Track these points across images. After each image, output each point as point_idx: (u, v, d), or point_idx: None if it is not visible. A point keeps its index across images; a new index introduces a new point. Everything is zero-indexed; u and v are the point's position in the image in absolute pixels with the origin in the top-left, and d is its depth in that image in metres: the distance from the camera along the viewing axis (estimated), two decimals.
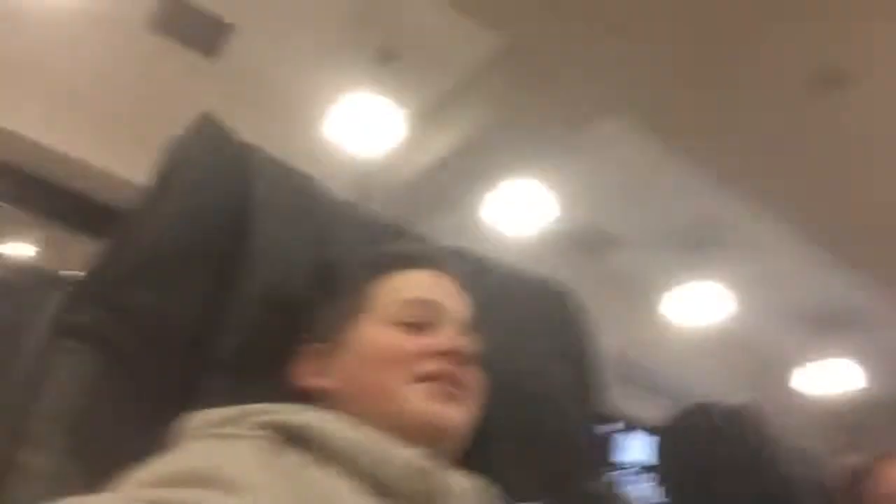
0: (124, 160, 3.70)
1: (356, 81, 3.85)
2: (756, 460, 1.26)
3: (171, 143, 0.78)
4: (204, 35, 3.93)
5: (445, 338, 0.75)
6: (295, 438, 0.61)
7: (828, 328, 5.53)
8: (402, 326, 0.76)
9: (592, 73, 3.31)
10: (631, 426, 4.78)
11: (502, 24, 3.29)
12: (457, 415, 0.72)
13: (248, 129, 0.88)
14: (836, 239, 4.14)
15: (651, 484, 1.38)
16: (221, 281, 0.73)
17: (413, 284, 0.80)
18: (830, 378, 5.72)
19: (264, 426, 0.61)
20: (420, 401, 0.71)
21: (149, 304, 0.69)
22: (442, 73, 3.98)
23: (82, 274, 0.70)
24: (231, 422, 0.62)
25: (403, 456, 0.63)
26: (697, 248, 4.92)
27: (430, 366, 0.72)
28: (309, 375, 0.76)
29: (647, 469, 1.33)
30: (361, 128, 3.87)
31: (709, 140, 3.59)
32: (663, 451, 1.47)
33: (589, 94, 3.49)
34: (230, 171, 0.80)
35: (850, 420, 6.24)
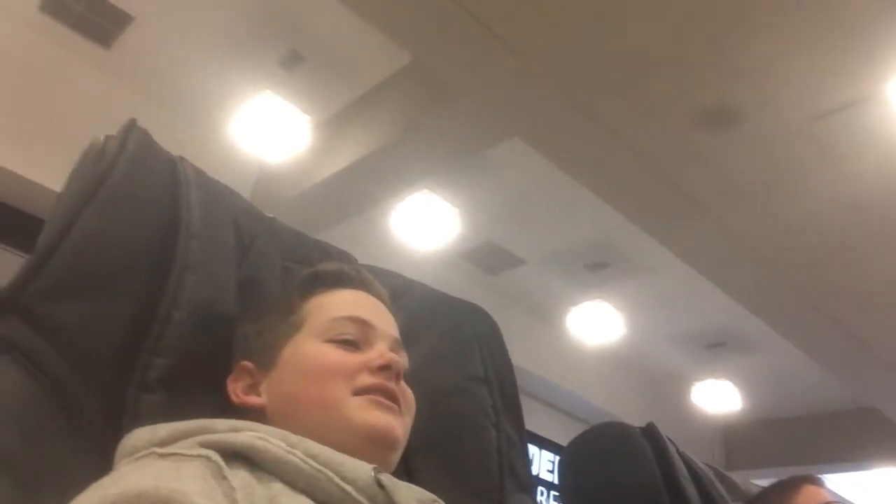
0: (24, 157, 3.45)
1: (261, 84, 3.75)
2: (662, 480, 1.28)
3: (94, 148, 0.75)
4: (102, 24, 3.73)
5: (379, 354, 0.76)
6: (239, 457, 0.59)
7: (711, 350, 5.82)
8: (337, 343, 0.76)
9: (492, 94, 3.35)
10: (533, 442, 4.84)
11: (408, 39, 3.29)
12: (398, 425, 0.72)
13: (146, 125, 0.83)
14: (715, 266, 4.35)
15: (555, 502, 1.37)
16: (150, 297, 0.70)
17: (344, 303, 0.80)
18: (712, 398, 6.02)
19: (206, 445, 0.58)
20: (363, 411, 0.71)
21: (74, 320, 0.65)
22: (348, 82, 3.94)
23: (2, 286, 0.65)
24: (174, 441, 0.59)
25: (359, 468, 0.61)
26: (591, 269, 5.07)
27: (368, 380, 0.73)
28: (243, 393, 0.74)
29: (550, 487, 1.31)
30: (265, 131, 3.78)
31: (600, 166, 3.70)
32: (567, 471, 1.47)
33: (488, 114, 3.53)
34: (159, 185, 0.78)
35: (727, 437, 6.59)
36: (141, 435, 0.61)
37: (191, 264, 0.74)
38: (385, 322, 0.81)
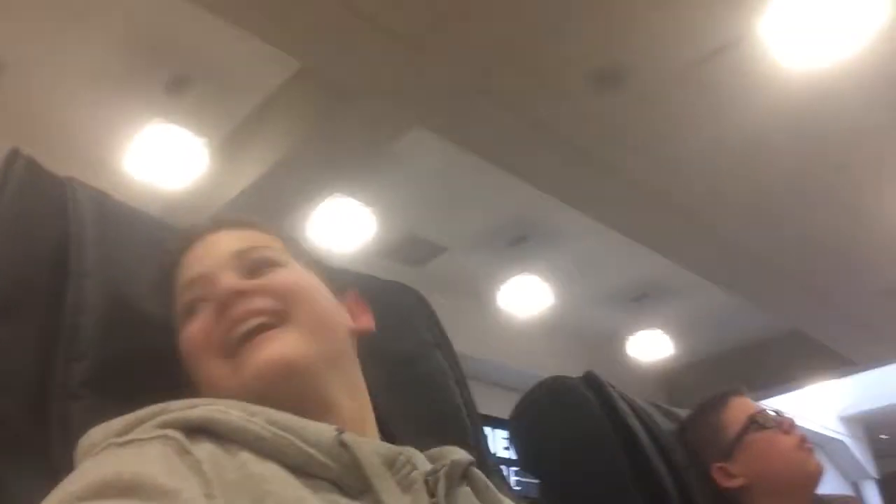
0: None
1: (150, 113, 3.65)
2: (609, 423, 1.32)
3: None
4: None
5: (212, 295, 0.69)
6: (202, 431, 0.57)
7: (639, 304, 6.00)
8: (187, 318, 0.71)
9: (386, 88, 3.36)
10: (486, 423, 4.88)
11: (295, 45, 3.26)
12: (279, 353, 0.66)
13: None
14: (628, 221, 4.50)
15: (516, 476, 1.38)
16: (53, 311, 0.70)
17: (184, 269, 0.74)
18: (646, 348, 6.23)
19: (164, 425, 0.57)
20: (243, 364, 0.66)
21: None
22: (239, 98, 3.87)
23: None
24: (130, 428, 0.57)
25: (321, 430, 0.60)
26: (512, 245, 5.16)
27: (223, 331, 0.67)
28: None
29: (509, 463, 1.33)
30: (162, 160, 3.68)
31: (505, 142, 3.76)
32: (516, 436, 1.49)
33: (388, 109, 3.54)
34: (48, 206, 0.78)
35: (667, 383, 6.82)
36: (97, 431, 0.59)
37: (86, 271, 0.73)
38: (214, 252, 0.74)
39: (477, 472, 0.69)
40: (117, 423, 0.59)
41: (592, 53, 3.27)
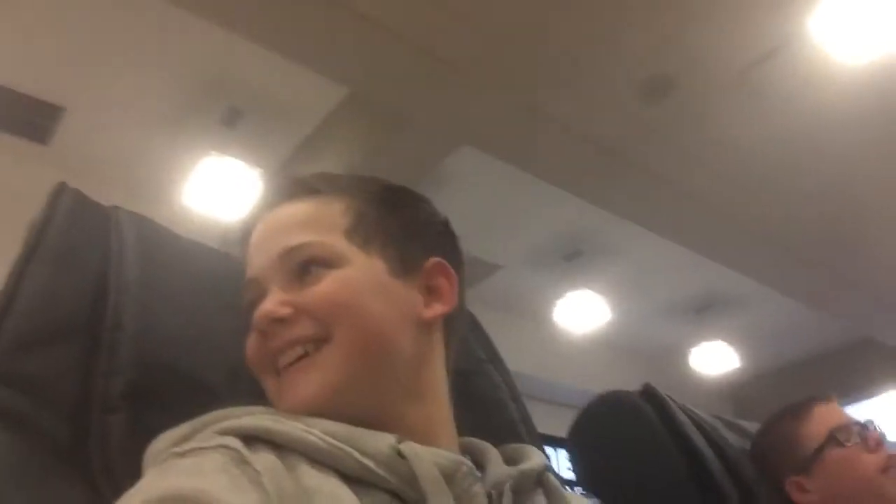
0: None
1: (206, 147, 3.76)
2: (669, 436, 1.29)
3: (35, 217, 0.78)
4: (35, 121, 3.72)
5: (255, 315, 0.67)
6: (261, 440, 0.57)
7: (700, 316, 5.87)
8: (248, 322, 0.69)
9: (437, 111, 3.39)
10: (547, 444, 4.82)
11: (344, 74, 3.33)
12: (304, 393, 0.64)
13: None
14: (687, 232, 4.42)
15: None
16: (95, 331, 0.73)
17: (246, 256, 0.72)
18: (711, 361, 6.07)
19: (224, 432, 0.57)
20: (282, 397, 0.65)
21: (40, 370, 0.68)
22: (292, 127, 3.96)
23: None
24: (189, 437, 0.58)
25: (379, 441, 0.59)
26: (567, 260, 5.11)
27: (272, 352, 0.66)
28: None
29: (572, 483, 1.31)
30: (219, 192, 3.79)
31: (555, 158, 3.75)
32: (574, 454, 1.46)
33: (438, 131, 3.57)
34: (92, 236, 0.81)
35: (733, 397, 6.63)
36: (162, 438, 0.59)
37: (125, 289, 0.76)
38: (264, 251, 0.70)
39: (552, 478, 0.68)
40: (181, 429, 0.59)
41: (641, 65, 3.26)
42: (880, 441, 1.30)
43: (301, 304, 0.66)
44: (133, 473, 0.55)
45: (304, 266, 0.67)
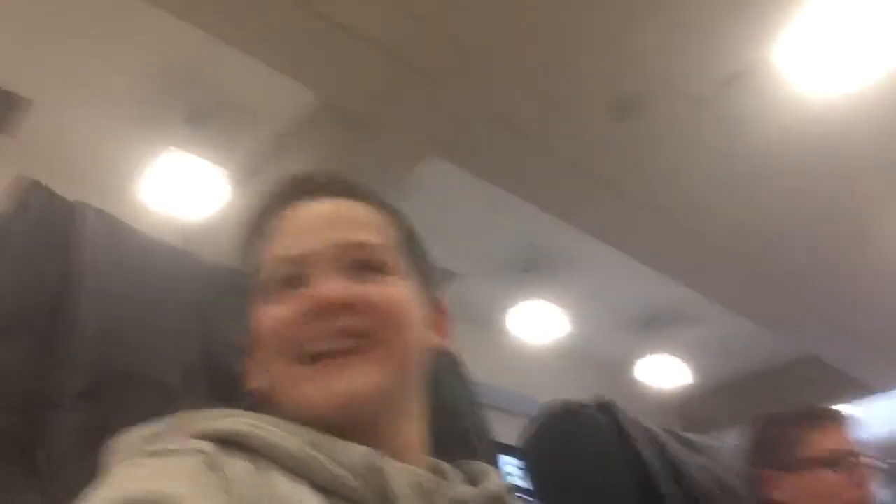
0: None
1: (169, 144, 3.71)
2: (621, 447, 1.32)
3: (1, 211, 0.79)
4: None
5: (310, 292, 0.64)
6: (235, 444, 0.56)
7: (652, 329, 5.97)
8: (273, 295, 0.66)
9: (406, 120, 3.40)
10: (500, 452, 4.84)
11: (314, 78, 3.32)
12: (347, 388, 0.61)
13: None
14: (645, 247, 4.50)
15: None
16: (52, 329, 0.73)
17: (276, 237, 0.69)
18: (660, 374, 6.17)
19: (197, 436, 0.56)
20: (309, 387, 0.62)
21: None
22: (258, 129, 3.94)
23: None
24: (161, 436, 0.57)
25: (354, 452, 0.58)
26: (525, 271, 5.16)
27: (306, 335, 0.63)
28: (250, 376, 0.70)
29: (524, 491, 1.33)
30: (181, 190, 3.74)
31: (520, 170, 3.78)
32: (528, 461, 1.47)
33: (404, 140, 3.58)
34: (57, 227, 0.81)
35: (680, 410, 6.75)
36: (131, 432, 0.58)
37: (85, 289, 0.76)
38: (323, 234, 0.68)
39: (513, 500, 0.68)
40: (153, 426, 0.58)
41: (609, 83, 3.30)
42: (865, 480, 1.31)
43: (366, 298, 0.65)
44: (84, 473, 0.54)
45: (363, 264, 0.67)
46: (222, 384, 0.80)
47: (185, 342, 0.82)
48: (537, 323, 5.31)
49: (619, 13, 2.93)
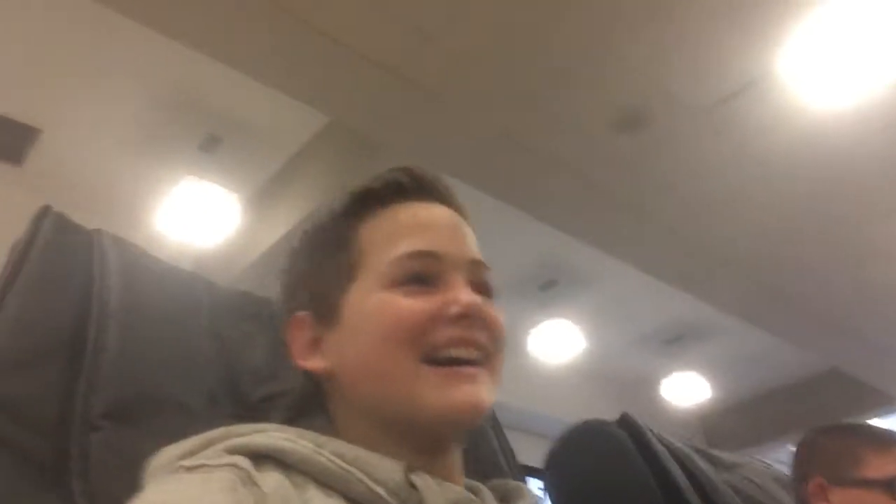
0: None
1: (182, 171, 3.74)
2: (646, 466, 1.29)
3: (16, 246, 0.79)
4: (9, 142, 3.68)
5: (454, 297, 0.64)
6: (270, 459, 0.56)
7: (673, 346, 5.92)
8: (400, 289, 0.64)
9: (413, 139, 3.41)
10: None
11: (324, 101, 3.34)
12: (477, 398, 0.62)
13: None
14: (660, 263, 4.47)
15: None
16: (77, 355, 0.74)
17: (403, 229, 0.68)
18: (682, 391, 6.11)
19: (233, 450, 0.56)
20: (437, 390, 0.61)
21: (19, 391, 0.69)
22: (270, 153, 3.96)
23: None
24: (196, 452, 0.56)
25: (390, 469, 0.58)
26: (542, 290, 5.14)
27: (442, 335, 0.62)
28: (307, 352, 0.68)
29: None
30: (195, 217, 3.77)
31: (529, 186, 3.78)
32: (550, 483, 1.45)
33: (413, 159, 3.59)
34: (75, 255, 0.82)
35: (703, 426, 6.67)
36: (167, 451, 0.58)
37: (108, 313, 0.77)
38: (457, 242, 0.68)
39: None
40: (187, 443, 0.58)
41: (614, 97, 3.30)
42: None
43: (495, 318, 0.67)
44: (115, 496, 0.54)
45: (484, 288, 0.69)
46: (245, 407, 0.81)
47: (206, 366, 0.83)
48: (556, 342, 5.28)
49: (620, 25, 2.93)
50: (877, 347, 5.21)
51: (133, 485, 0.56)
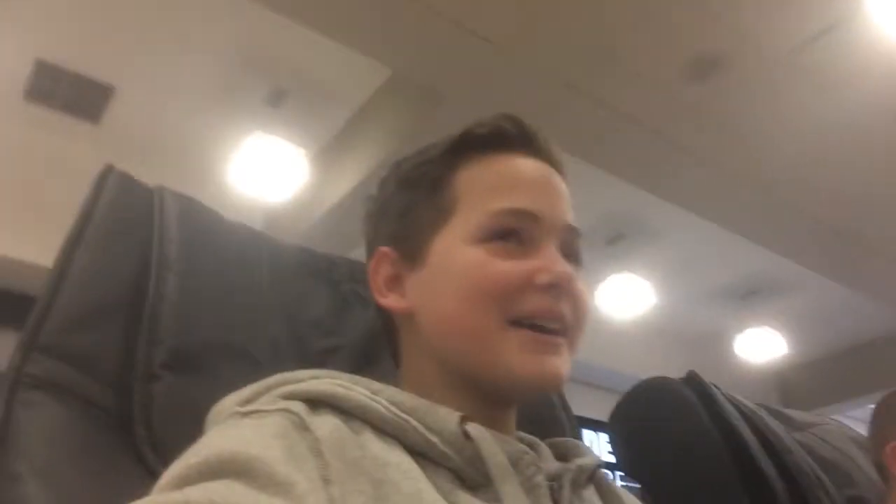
0: (19, 241, 3.52)
1: (251, 126, 3.79)
2: (713, 424, 1.27)
3: (84, 198, 0.82)
4: (85, 100, 3.80)
5: (545, 265, 0.63)
6: (325, 404, 0.57)
7: (747, 301, 5.76)
8: (493, 247, 0.63)
9: (477, 89, 3.37)
10: (589, 426, 4.79)
11: (386, 53, 3.32)
12: (555, 369, 0.62)
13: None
14: (733, 215, 4.33)
15: (621, 481, 1.35)
16: (142, 302, 0.76)
17: (502, 183, 0.66)
18: (757, 347, 5.96)
19: (288, 396, 0.57)
20: (518, 355, 0.61)
21: (87, 345, 0.72)
22: (336, 108, 3.98)
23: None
24: (254, 398, 0.58)
25: (446, 418, 0.58)
26: (610, 244, 5.06)
27: (529, 304, 0.62)
28: (386, 289, 0.68)
29: (613, 467, 1.30)
30: (264, 172, 3.83)
31: (599, 139, 3.69)
32: (618, 439, 1.44)
33: (478, 111, 3.54)
34: (138, 210, 0.84)
35: (779, 384, 6.52)
36: (228, 399, 0.60)
37: (167, 265, 0.79)
38: (554, 204, 0.67)
39: (603, 475, 0.68)
40: (246, 390, 0.59)
41: (687, 43, 3.18)
42: None
43: (582, 295, 0.66)
44: (177, 442, 0.55)
45: (572, 255, 0.67)
46: (307, 359, 0.82)
47: (268, 316, 0.84)
48: (625, 296, 5.21)
49: None
50: None
51: (195, 432, 0.57)
